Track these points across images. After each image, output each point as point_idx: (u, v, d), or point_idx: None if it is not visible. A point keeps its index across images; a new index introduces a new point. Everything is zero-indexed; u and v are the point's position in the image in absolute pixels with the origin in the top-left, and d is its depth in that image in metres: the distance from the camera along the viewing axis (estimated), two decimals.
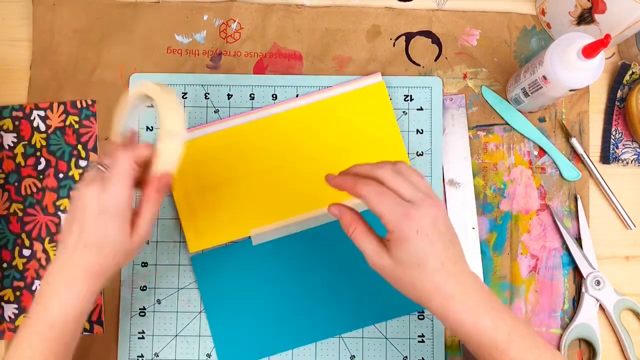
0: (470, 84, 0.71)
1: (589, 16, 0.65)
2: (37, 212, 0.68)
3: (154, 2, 0.72)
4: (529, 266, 0.68)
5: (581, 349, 0.67)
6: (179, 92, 0.70)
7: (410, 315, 0.67)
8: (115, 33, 0.71)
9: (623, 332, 0.66)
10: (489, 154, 0.70)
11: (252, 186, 0.68)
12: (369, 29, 0.72)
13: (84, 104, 0.70)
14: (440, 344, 0.67)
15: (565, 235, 0.68)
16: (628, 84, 0.70)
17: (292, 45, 0.71)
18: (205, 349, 0.67)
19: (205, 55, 0.71)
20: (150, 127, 0.70)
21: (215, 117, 0.70)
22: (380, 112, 0.69)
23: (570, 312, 0.68)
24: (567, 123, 0.70)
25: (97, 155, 0.59)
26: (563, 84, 0.59)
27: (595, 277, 0.67)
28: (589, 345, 0.67)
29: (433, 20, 0.72)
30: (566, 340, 0.66)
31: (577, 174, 0.69)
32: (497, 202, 0.69)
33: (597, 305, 0.67)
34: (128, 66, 0.71)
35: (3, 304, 0.67)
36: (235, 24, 0.72)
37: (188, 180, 0.67)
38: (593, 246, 0.68)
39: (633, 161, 0.70)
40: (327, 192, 0.68)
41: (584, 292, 0.67)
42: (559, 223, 0.68)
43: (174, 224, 0.68)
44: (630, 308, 0.67)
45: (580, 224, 0.68)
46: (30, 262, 0.68)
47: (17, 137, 0.69)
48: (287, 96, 0.70)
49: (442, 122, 0.70)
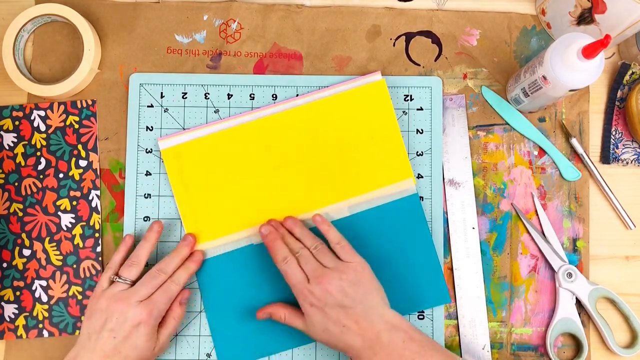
0: (470, 84, 0.71)
1: (589, 16, 0.65)
2: (37, 212, 0.68)
3: (154, 2, 0.72)
4: (529, 266, 0.69)
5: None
6: (179, 92, 0.70)
7: (410, 315, 0.67)
8: (115, 33, 0.71)
9: (600, 321, 0.66)
10: (489, 154, 0.70)
11: (253, 186, 0.68)
12: (369, 29, 0.72)
13: (84, 104, 0.70)
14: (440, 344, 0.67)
15: (531, 231, 0.68)
16: (628, 84, 0.70)
17: (292, 45, 0.71)
18: (205, 349, 0.67)
19: (205, 55, 0.71)
20: (150, 127, 0.70)
21: (215, 117, 0.70)
22: (380, 111, 0.69)
23: None
24: (567, 123, 0.70)
25: (113, 266, 0.64)
26: (563, 84, 0.59)
27: (566, 269, 0.67)
28: (574, 339, 0.67)
29: (433, 20, 0.72)
30: (550, 337, 0.66)
31: (577, 174, 0.69)
32: (497, 202, 0.69)
33: (573, 298, 0.67)
34: (128, 66, 0.71)
35: (3, 304, 0.67)
36: (235, 24, 0.72)
37: (188, 180, 0.67)
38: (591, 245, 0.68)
39: (633, 161, 0.70)
40: (327, 192, 0.68)
41: (558, 286, 0.67)
42: (523, 219, 0.69)
43: (174, 224, 0.68)
44: (604, 296, 0.67)
45: (540, 218, 0.68)
46: (30, 262, 0.68)
47: (17, 137, 0.69)
48: (287, 96, 0.70)
49: (442, 122, 0.70)
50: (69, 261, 0.68)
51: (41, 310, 0.67)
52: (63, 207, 0.69)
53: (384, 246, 0.67)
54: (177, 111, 0.70)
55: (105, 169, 0.69)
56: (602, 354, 0.68)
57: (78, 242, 0.68)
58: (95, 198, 0.69)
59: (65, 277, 0.68)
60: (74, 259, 0.68)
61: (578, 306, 0.67)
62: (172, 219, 0.68)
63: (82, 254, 0.68)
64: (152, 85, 0.70)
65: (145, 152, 0.69)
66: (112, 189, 0.69)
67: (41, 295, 0.67)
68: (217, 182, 0.68)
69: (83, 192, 0.69)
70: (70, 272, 0.68)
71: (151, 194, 0.69)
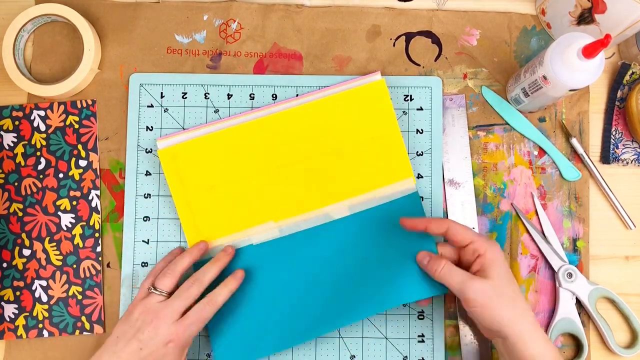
0: (470, 84, 0.71)
1: (589, 16, 0.65)
2: (37, 212, 0.69)
3: (154, 2, 0.72)
4: (529, 266, 0.69)
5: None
6: (179, 92, 0.70)
7: (410, 315, 0.67)
8: (115, 33, 0.71)
9: (601, 321, 0.66)
10: (489, 154, 0.70)
11: (252, 186, 0.68)
12: (369, 29, 0.72)
13: (84, 104, 0.70)
14: (440, 344, 0.67)
15: (531, 231, 0.68)
16: (628, 84, 0.70)
17: (292, 45, 0.71)
18: (206, 349, 0.67)
19: (205, 55, 0.71)
20: (150, 127, 0.70)
21: (215, 117, 0.70)
22: (380, 110, 0.69)
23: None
24: (567, 123, 0.70)
25: (152, 277, 0.64)
26: (563, 84, 0.59)
27: (566, 269, 0.67)
28: (574, 339, 0.67)
29: (433, 20, 0.72)
30: (550, 337, 0.66)
31: (577, 174, 0.69)
32: (497, 202, 0.69)
33: (573, 298, 0.67)
34: (128, 66, 0.71)
35: (3, 304, 0.67)
36: (235, 24, 0.72)
37: (188, 180, 0.67)
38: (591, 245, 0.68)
39: (633, 161, 0.70)
40: (327, 192, 0.68)
41: (558, 286, 0.67)
42: (523, 219, 0.69)
43: (174, 224, 0.68)
44: (604, 296, 0.67)
45: (540, 218, 0.68)
46: (30, 262, 0.68)
47: (17, 137, 0.69)
48: (287, 96, 0.70)
49: (442, 122, 0.70)
50: (69, 261, 0.68)
51: (41, 310, 0.67)
52: (63, 207, 0.69)
53: (385, 245, 0.66)
54: (177, 111, 0.70)
55: (105, 169, 0.69)
56: (602, 354, 0.68)
57: (78, 242, 0.68)
58: (95, 198, 0.69)
59: (65, 277, 0.68)
60: (74, 259, 0.68)
61: (578, 306, 0.67)
62: (171, 219, 0.68)
63: (82, 254, 0.68)
64: (152, 85, 0.70)
65: (145, 152, 0.69)
66: (112, 189, 0.69)
67: (41, 295, 0.67)
68: (216, 181, 0.68)
69: (83, 192, 0.69)
70: (70, 272, 0.68)
71: (151, 194, 0.69)
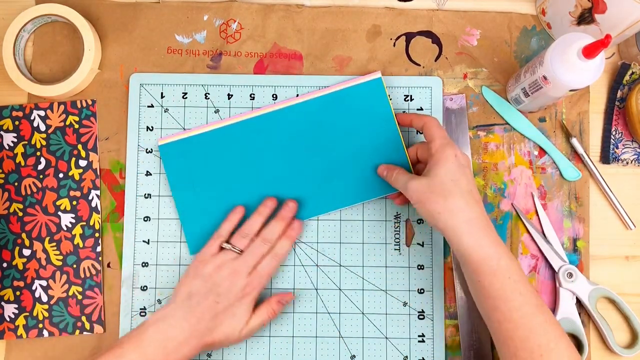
0: (471, 84, 0.71)
1: (589, 16, 0.65)
2: (37, 212, 0.68)
3: (154, 2, 0.72)
4: (529, 266, 0.69)
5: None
6: (179, 92, 0.70)
7: (410, 315, 0.67)
8: (115, 33, 0.71)
9: (601, 321, 0.66)
10: (489, 154, 0.70)
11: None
12: (369, 29, 0.72)
13: (84, 104, 0.70)
14: (440, 344, 0.67)
15: (531, 231, 0.68)
16: (628, 84, 0.70)
17: (292, 45, 0.71)
18: None
19: (205, 55, 0.71)
20: (150, 127, 0.70)
21: (215, 117, 0.70)
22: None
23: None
24: (567, 123, 0.70)
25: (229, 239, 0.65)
26: (563, 84, 0.59)
27: (566, 269, 0.67)
28: (574, 339, 0.67)
29: (433, 20, 0.72)
30: None
31: (577, 174, 0.69)
32: (497, 202, 0.69)
33: (573, 298, 0.67)
34: (128, 66, 0.71)
35: (3, 304, 0.67)
36: (235, 24, 0.72)
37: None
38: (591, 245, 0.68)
39: (633, 161, 0.70)
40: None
41: (558, 286, 0.67)
42: (523, 219, 0.69)
43: (174, 224, 0.68)
44: (604, 296, 0.67)
45: (540, 218, 0.69)
46: (30, 262, 0.68)
47: (17, 137, 0.69)
48: (287, 96, 0.70)
49: (442, 122, 0.70)
50: (69, 261, 0.68)
51: (41, 310, 0.67)
52: (63, 207, 0.69)
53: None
54: (178, 111, 0.70)
55: (105, 169, 0.69)
56: (602, 354, 0.68)
57: (78, 242, 0.68)
58: (95, 198, 0.69)
59: (65, 277, 0.68)
60: (74, 258, 0.68)
61: (578, 306, 0.67)
62: (171, 219, 0.68)
63: (82, 254, 0.68)
64: (152, 85, 0.70)
65: (145, 152, 0.69)
66: (112, 189, 0.69)
67: (41, 295, 0.67)
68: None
69: (83, 192, 0.69)
70: (70, 272, 0.68)
71: (151, 194, 0.69)
